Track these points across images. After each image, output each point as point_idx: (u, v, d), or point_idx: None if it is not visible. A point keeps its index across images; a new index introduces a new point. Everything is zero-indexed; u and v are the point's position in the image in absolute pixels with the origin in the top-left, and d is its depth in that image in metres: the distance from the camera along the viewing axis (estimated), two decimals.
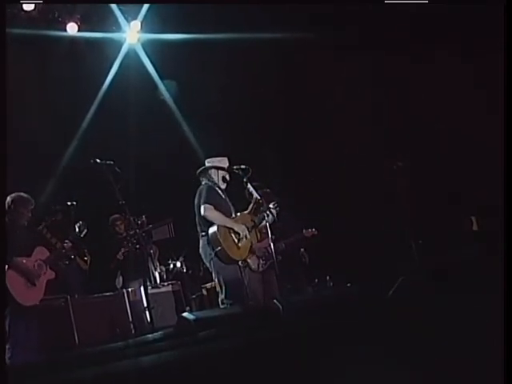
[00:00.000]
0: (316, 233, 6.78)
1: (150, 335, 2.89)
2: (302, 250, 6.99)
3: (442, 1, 6.95)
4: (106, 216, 7.61)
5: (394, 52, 7.61)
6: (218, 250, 5.37)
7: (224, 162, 5.76)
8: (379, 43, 7.61)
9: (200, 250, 5.55)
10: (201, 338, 2.87)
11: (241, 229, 5.52)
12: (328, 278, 7.85)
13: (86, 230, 6.22)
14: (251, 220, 5.69)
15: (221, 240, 5.38)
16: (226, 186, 5.74)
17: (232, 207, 5.70)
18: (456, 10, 6.92)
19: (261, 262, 6.42)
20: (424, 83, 7.67)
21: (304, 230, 6.77)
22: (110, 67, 8.10)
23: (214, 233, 5.41)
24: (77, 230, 6.21)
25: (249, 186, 5.58)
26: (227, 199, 5.71)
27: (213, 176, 5.70)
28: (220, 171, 5.70)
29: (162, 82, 8.48)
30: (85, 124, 8.13)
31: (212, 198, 5.50)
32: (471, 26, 7.13)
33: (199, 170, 5.74)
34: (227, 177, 5.73)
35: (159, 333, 2.93)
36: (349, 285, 6.39)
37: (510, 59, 4.29)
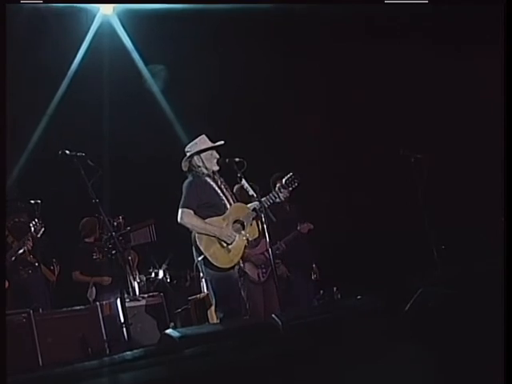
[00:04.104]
0: (312, 227, 6.74)
1: (128, 353, 2.90)
2: (313, 265, 7.04)
3: (442, 1, 7.47)
4: (77, 217, 7.62)
5: (394, 51, 8.03)
6: (200, 259, 5.32)
7: (202, 142, 5.57)
8: (379, 43, 8.03)
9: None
10: (186, 358, 2.89)
11: (226, 235, 5.34)
12: (335, 289, 7.89)
13: (42, 230, 6.22)
14: (252, 210, 5.46)
15: (202, 248, 5.30)
16: (218, 169, 5.55)
17: (229, 196, 5.56)
18: (456, 10, 7.48)
19: (261, 271, 6.28)
20: (424, 83, 8.11)
21: (299, 226, 6.71)
22: (81, 42, 8.08)
23: (195, 239, 5.34)
24: (32, 229, 6.20)
25: (243, 181, 5.48)
26: (222, 187, 5.57)
27: (198, 164, 5.55)
28: (202, 154, 5.54)
29: (142, 59, 8.47)
30: (51, 109, 8.12)
31: (192, 199, 5.40)
32: (471, 26, 7.72)
33: (182, 165, 5.62)
34: (215, 154, 5.54)
35: (139, 350, 2.94)
36: (359, 297, 6.42)
37: (510, 59, 4.65)
